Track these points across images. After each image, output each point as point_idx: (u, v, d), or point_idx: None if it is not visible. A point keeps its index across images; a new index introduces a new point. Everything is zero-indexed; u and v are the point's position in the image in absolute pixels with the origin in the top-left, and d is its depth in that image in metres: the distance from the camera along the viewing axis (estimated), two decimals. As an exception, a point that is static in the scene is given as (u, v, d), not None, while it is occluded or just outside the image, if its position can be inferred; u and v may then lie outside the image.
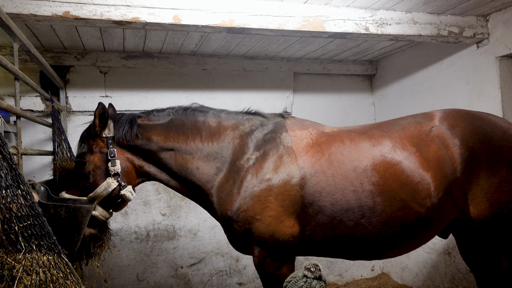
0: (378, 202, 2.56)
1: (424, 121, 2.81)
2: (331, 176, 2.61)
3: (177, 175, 2.85)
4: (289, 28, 3.43)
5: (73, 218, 2.54)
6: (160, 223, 4.71)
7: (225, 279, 4.85)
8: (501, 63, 3.83)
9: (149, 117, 2.91)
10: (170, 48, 4.57)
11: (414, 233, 2.63)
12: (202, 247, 4.81)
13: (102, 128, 2.79)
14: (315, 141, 2.78)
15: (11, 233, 1.39)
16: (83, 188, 2.74)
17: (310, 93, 5.53)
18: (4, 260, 1.32)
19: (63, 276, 1.56)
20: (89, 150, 2.78)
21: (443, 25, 3.82)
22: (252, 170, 2.67)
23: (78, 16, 2.94)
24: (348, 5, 3.54)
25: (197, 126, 2.89)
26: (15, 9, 2.80)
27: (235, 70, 5.11)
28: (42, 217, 1.63)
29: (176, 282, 4.69)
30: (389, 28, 3.67)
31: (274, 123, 2.91)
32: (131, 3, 3.05)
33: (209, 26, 3.26)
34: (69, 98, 4.52)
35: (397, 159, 2.64)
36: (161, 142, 2.82)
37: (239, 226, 2.63)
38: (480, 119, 2.77)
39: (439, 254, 4.47)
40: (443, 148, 2.66)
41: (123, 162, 2.78)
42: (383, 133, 2.79)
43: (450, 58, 4.38)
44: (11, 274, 1.31)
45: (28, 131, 4.33)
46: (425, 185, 2.58)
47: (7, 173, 1.49)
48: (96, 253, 2.82)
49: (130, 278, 4.56)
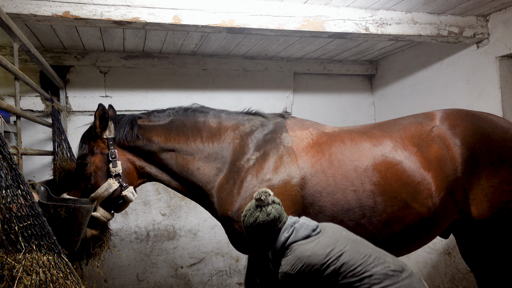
0: (379, 202, 2.56)
1: (425, 121, 2.80)
2: (332, 176, 2.60)
3: (178, 176, 2.84)
4: (289, 28, 3.43)
5: (73, 218, 2.54)
6: (160, 223, 4.71)
7: (225, 279, 4.85)
8: (501, 63, 3.83)
9: (150, 118, 2.90)
10: (170, 48, 4.57)
11: (415, 233, 2.63)
12: (202, 247, 4.81)
13: (102, 130, 2.79)
14: (316, 141, 2.77)
15: (11, 233, 1.38)
16: (84, 189, 2.74)
17: (310, 93, 5.53)
18: (4, 260, 1.32)
19: (63, 276, 1.55)
20: (90, 152, 2.78)
21: (443, 25, 3.82)
22: (252, 171, 2.67)
23: (78, 16, 2.94)
24: (348, 5, 3.54)
25: (198, 126, 2.89)
26: (15, 9, 2.80)
27: (235, 70, 5.11)
28: (42, 217, 1.63)
29: (176, 282, 4.68)
30: (389, 28, 3.67)
31: (274, 123, 2.91)
32: (131, 3, 3.05)
33: (209, 26, 3.26)
34: (69, 98, 4.52)
35: (398, 159, 2.64)
36: (161, 143, 2.82)
37: (240, 226, 2.63)
38: (481, 119, 2.77)
39: (439, 254, 4.47)
40: (444, 148, 2.65)
41: (124, 163, 2.78)
42: (384, 133, 2.79)
43: (450, 58, 4.38)
44: (11, 274, 1.31)
45: (28, 131, 4.33)
46: (426, 185, 2.58)
47: (7, 173, 1.48)
48: (96, 253, 2.82)
49: (130, 278, 4.56)
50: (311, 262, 1.97)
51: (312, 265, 1.97)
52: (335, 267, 1.95)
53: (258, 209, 2.14)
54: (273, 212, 2.11)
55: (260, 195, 2.13)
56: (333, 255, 1.97)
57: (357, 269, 1.94)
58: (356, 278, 1.93)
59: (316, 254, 1.98)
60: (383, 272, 1.93)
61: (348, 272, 1.94)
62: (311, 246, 2.03)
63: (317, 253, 1.99)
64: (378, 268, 1.95)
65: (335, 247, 2.01)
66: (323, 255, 1.98)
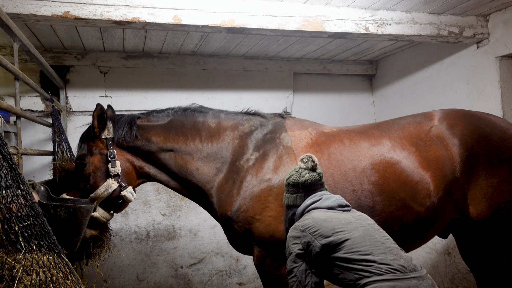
0: (378, 201, 2.56)
1: (423, 121, 2.80)
2: (331, 176, 2.61)
3: (177, 176, 2.85)
4: (289, 28, 3.43)
5: (73, 218, 2.54)
6: (160, 223, 4.71)
7: (225, 279, 4.85)
8: (501, 63, 3.83)
9: (149, 118, 2.91)
10: (170, 48, 4.57)
11: (414, 232, 2.63)
12: (202, 247, 4.81)
13: (101, 130, 2.79)
14: (315, 141, 2.78)
15: (11, 233, 1.39)
16: (84, 189, 2.74)
17: (310, 93, 5.53)
18: (4, 260, 1.32)
19: (63, 276, 1.56)
20: (89, 152, 2.78)
21: (443, 25, 3.82)
22: (251, 171, 2.67)
23: (78, 16, 2.94)
24: (348, 5, 3.54)
25: (197, 126, 2.89)
26: (15, 9, 2.80)
27: (235, 70, 5.11)
28: (42, 217, 1.63)
29: (176, 282, 4.69)
30: (389, 28, 3.67)
31: (273, 123, 2.91)
32: (131, 3, 3.05)
33: (209, 26, 3.26)
34: (69, 98, 4.52)
35: (396, 159, 2.64)
36: (160, 143, 2.82)
37: (239, 227, 2.63)
38: (479, 119, 2.77)
39: (439, 254, 4.47)
40: (443, 148, 2.66)
41: (123, 163, 2.78)
42: (383, 132, 2.79)
43: (450, 58, 4.38)
44: (11, 274, 1.31)
45: (28, 131, 4.33)
46: (425, 184, 2.58)
47: (7, 173, 1.49)
48: (96, 253, 2.82)
49: (130, 278, 4.56)
50: (321, 226, 2.01)
51: (319, 228, 2.00)
52: (338, 240, 1.96)
53: (297, 168, 2.33)
54: (306, 177, 2.26)
55: (304, 157, 2.31)
56: (340, 231, 1.99)
57: (362, 249, 1.93)
58: (358, 257, 1.90)
59: (330, 220, 2.03)
60: (388, 263, 1.87)
61: (351, 249, 1.93)
62: (330, 214, 2.10)
63: (332, 220, 2.04)
64: (386, 256, 1.91)
65: (348, 227, 2.02)
66: (333, 226, 2.00)
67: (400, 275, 1.85)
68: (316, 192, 2.28)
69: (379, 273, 1.85)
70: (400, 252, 2.01)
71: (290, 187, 2.32)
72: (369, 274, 1.85)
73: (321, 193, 2.28)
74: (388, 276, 1.84)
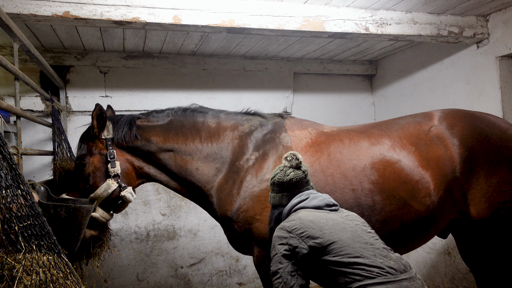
0: (377, 200, 2.56)
1: (423, 121, 2.81)
2: (330, 176, 2.61)
3: (176, 176, 2.84)
4: (289, 28, 3.43)
5: (73, 218, 2.54)
6: (160, 223, 4.71)
7: (225, 279, 4.85)
8: (501, 63, 3.83)
9: (148, 118, 2.91)
10: (170, 48, 4.57)
11: (414, 232, 2.63)
12: (202, 247, 4.81)
13: (100, 130, 2.79)
14: (314, 140, 2.78)
15: (11, 233, 1.39)
16: (83, 190, 2.74)
17: (310, 93, 5.53)
18: (4, 260, 1.32)
19: (63, 276, 1.56)
20: (88, 152, 2.78)
21: (443, 25, 3.82)
22: (251, 171, 2.67)
23: (78, 16, 2.94)
24: (348, 5, 3.55)
25: (196, 127, 2.89)
26: (15, 9, 2.80)
27: (235, 70, 5.11)
28: (42, 217, 1.63)
29: (176, 282, 4.69)
30: (389, 28, 3.67)
31: (273, 123, 2.91)
32: (131, 3, 3.05)
33: (209, 26, 3.26)
34: (69, 98, 4.52)
35: (396, 158, 2.64)
36: (160, 143, 2.82)
37: (239, 227, 2.63)
38: (479, 119, 2.77)
39: (439, 254, 4.47)
40: (442, 147, 2.66)
41: (123, 164, 2.78)
42: (382, 132, 2.79)
43: (450, 58, 4.38)
44: (11, 274, 1.31)
45: (28, 131, 4.33)
46: (425, 183, 2.58)
47: (7, 173, 1.49)
48: (96, 253, 2.82)
49: (130, 278, 4.56)
50: (308, 227, 1.98)
51: (306, 230, 1.97)
52: (326, 242, 1.93)
53: (281, 167, 2.30)
54: (291, 175, 2.23)
55: (287, 155, 2.29)
56: (328, 233, 1.96)
57: (351, 251, 1.90)
58: (347, 260, 1.88)
59: (317, 221, 2.00)
60: (379, 265, 1.86)
61: (340, 252, 1.91)
62: (317, 215, 2.07)
63: (319, 221, 2.01)
64: (376, 258, 1.89)
65: (336, 228, 2.00)
66: (320, 227, 1.98)
67: (391, 277, 1.84)
68: (302, 191, 2.25)
69: (370, 276, 1.83)
70: (389, 252, 2.00)
71: (275, 186, 2.29)
72: (361, 278, 1.84)
73: (308, 192, 2.25)
74: (380, 279, 1.82)
